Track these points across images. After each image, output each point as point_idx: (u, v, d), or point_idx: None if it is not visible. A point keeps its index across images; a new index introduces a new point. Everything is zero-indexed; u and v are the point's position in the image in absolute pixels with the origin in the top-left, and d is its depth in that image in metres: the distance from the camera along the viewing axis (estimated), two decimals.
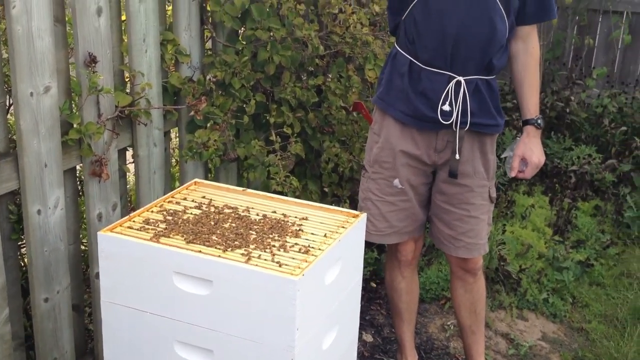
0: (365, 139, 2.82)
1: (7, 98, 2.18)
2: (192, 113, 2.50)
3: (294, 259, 1.66)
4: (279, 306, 1.57)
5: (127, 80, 2.43)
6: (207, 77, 2.66)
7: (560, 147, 4.24)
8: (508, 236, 3.31)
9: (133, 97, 2.34)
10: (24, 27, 1.88)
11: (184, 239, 1.72)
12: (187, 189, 2.06)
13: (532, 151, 2.19)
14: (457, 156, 2.13)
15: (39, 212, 2.01)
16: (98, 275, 1.92)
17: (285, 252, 1.69)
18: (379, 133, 2.24)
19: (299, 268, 1.61)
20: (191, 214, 1.88)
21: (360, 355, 2.70)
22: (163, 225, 1.79)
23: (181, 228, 1.77)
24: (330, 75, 3.12)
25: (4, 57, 2.00)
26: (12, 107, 2.04)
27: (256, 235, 1.77)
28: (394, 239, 2.30)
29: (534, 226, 3.54)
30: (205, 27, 2.71)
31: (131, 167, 2.51)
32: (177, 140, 2.84)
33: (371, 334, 2.85)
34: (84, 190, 2.24)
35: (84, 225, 2.54)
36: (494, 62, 2.11)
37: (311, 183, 3.07)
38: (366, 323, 2.90)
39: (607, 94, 4.53)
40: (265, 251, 1.69)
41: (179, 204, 1.95)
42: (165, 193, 2.54)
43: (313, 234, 1.81)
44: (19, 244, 2.16)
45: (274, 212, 1.93)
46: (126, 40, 2.38)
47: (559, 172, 4.07)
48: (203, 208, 1.92)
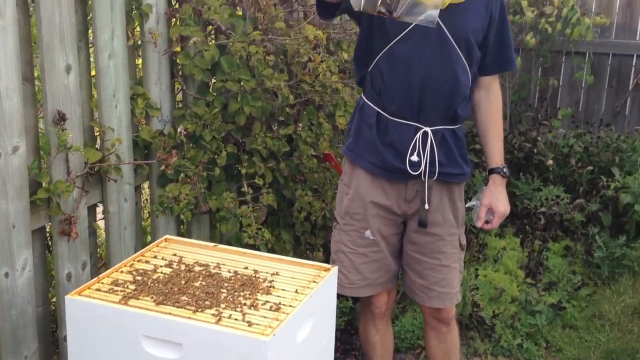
0: (337, 186, 2.84)
1: None
2: (163, 167, 2.50)
3: (265, 317, 1.65)
4: None
5: (97, 134, 2.43)
6: (178, 130, 2.67)
7: (529, 188, 4.30)
8: (481, 280, 3.33)
9: (103, 153, 2.34)
10: None
11: (153, 300, 1.70)
12: (157, 246, 2.05)
13: (498, 200, 2.22)
14: (427, 206, 2.16)
15: (6, 274, 1.98)
16: (67, 338, 1.89)
17: (256, 310, 1.69)
18: (349, 184, 2.26)
19: (269, 327, 1.60)
20: (161, 272, 1.87)
21: None
22: (132, 287, 1.77)
23: (151, 289, 1.76)
24: (301, 124, 3.15)
25: None
26: None
27: (227, 293, 1.76)
28: (367, 291, 2.30)
29: (506, 269, 3.56)
30: (176, 80, 2.73)
31: (101, 223, 2.49)
32: (148, 192, 2.83)
33: None
34: (52, 249, 2.22)
35: (53, 284, 2.51)
36: (459, 112, 2.15)
37: (284, 232, 3.07)
38: None
39: (572, 134, 4.62)
40: (236, 310, 1.68)
41: (148, 262, 1.93)
42: (136, 248, 2.52)
43: (284, 290, 1.81)
44: None
45: (246, 268, 1.93)
46: (96, 96, 2.39)
47: (529, 214, 4.12)
48: (173, 266, 1.91)
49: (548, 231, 3.98)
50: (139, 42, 2.53)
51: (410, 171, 2.13)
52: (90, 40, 2.35)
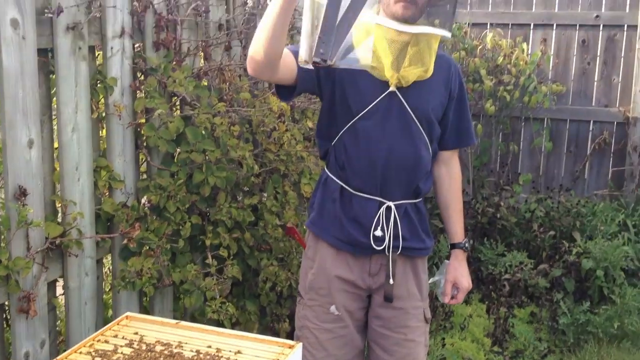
0: (302, 254, 2.84)
1: None
2: (126, 241, 2.47)
3: None
4: None
5: (58, 207, 2.40)
6: (142, 202, 2.66)
7: (493, 254, 4.34)
8: (448, 349, 3.31)
9: (64, 227, 2.30)
10: None
11: None
12: (118, 324, 2.00)
13: (462, 276, 2.25)
14: (391, 281, 2.16)
15: None
16: None
17: None
18: (313, 258, 2.26)
19: None
20: (121, 353, 1.82)
21: None
22: None
23: None
24: (266, 193, 3.16)
25: None
26: None
27: None
28: None
29: (473, 337, 3.56)
30: (140, 151, 2.72)
31: (62, 297, 2.44)
32: (110, 264, 2.78)
33: None
34: (10, 327, 2.16)
35: None
36: (421, 186, 2.18)
37: (249, 303, 3.04)
38: None
39: (534, 199, 4.70)
40: None
41: (108, 342, 1.88)
42: (97, 323, 2.47)
43: None
44: None
45: (209, 346, 1.89)
46: (58, 169, 2.37)
47: (494, 279, 4.15)
48: (134, 346, 1.86)
49: (513, 297, 4.01)
50: (103, 115, 2.53)
51: (374, 246, 2.13)
52: (54, 113, 2.35)
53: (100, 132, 2.62)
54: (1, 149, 2.14)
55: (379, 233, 2.13)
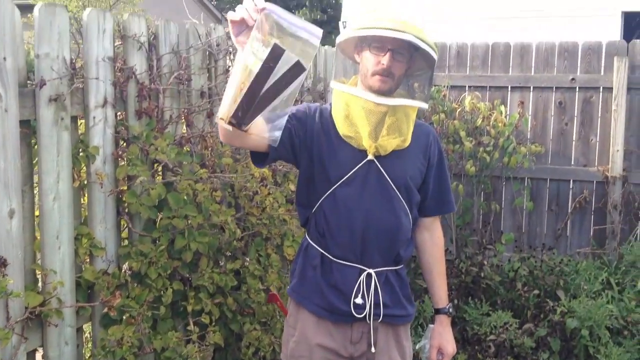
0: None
1: None
2: (106, 310, 2.45)
3: None
4: None
5: (38, 275, 2.39)
6: (123, 269, 2.65)
7: (478, 313, 4.33)
8: None
9: (44, 297, 2.29)
10: None
11: None
12: None
13: (447, 342, 2.25)
14: (373, 349, 2.15)
15: None
16: None
17: None
18: (294, 326, 2.24)
19: None
20: None
21: None
22: None
23: None
24: (249, 257, 3.16)
25: None
26: None
27: None
28: None
29: None
30: (122, 217, 2.73)
31: None
32: (90, 331, 2.75)
33: None
34: None
35: None
36: (402, 253, 2.19)
37: None
38: None
39: (517, 258, 4.72)
40: None
41: None
42: None
43: None
44: None
45: None
46: (39, 238, 2.37)
47: (479, 340, 4.13)
48: None
49: (499, 358, 3.98)
50: (85, 182, 2.55)
51: (355, 314, 2.13)
52: (36, 182, 2.36)
53: (82, 199, 2.64)
54: None
55: (359, 300, 2.13)
